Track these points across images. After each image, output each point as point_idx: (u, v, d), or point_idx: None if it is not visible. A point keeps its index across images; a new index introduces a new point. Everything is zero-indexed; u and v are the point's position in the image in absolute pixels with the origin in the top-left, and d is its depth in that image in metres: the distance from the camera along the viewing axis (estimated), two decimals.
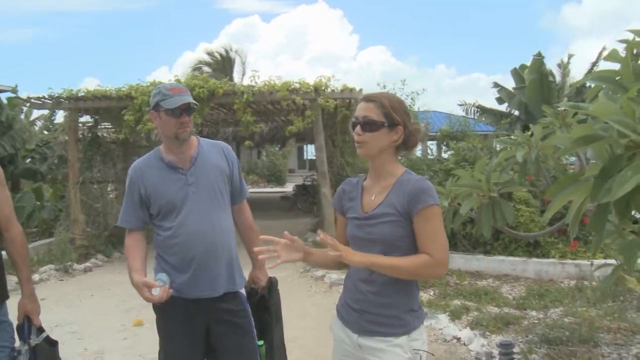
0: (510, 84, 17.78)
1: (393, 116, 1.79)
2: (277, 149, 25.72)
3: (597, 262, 5.96)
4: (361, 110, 1.82)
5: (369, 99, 1.83)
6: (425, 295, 5.65)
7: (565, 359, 3.82)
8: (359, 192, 1.91)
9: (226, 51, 23.70)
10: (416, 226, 1.75)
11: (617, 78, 2.01)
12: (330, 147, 9.48)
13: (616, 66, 2.02)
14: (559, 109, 3.01)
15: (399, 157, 1.90)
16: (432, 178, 6.92)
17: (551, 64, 15.65)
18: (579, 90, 15.31)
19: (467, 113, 17.15)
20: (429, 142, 12.58)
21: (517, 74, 17.07)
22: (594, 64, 15.74)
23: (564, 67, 16.65)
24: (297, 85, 8.37)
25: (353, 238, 1.88)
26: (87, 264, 8.14)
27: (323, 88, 8.39)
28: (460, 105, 17.79)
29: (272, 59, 65.55)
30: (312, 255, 1.88)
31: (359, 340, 1.82)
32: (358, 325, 1.83)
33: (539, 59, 15.04)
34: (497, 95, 17.70)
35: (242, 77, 22.23)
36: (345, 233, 1.94)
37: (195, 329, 2.36)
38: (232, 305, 2.39)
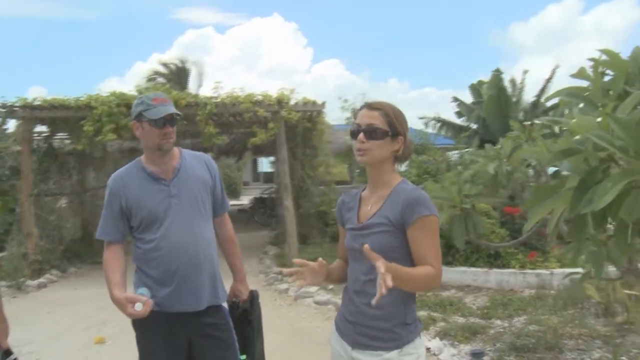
0: (464, 98, 18.34)
1: (396, 126, 1.78)
2: (233, 161, 25.45)
3: (556, 271, 6.19)
4: (364, 117, 1.78)
5: (373, 107, 1.80)
6: None
7: None
8: (356, 203, 1.90)
9: (182, 62, 23.33)
10: (411, 237, 1.72)
11: (586, 94, 2.12)
12: (291, 160, 9.49)
13: (582, 82, 2.13)
14: (526, 123, 3.13)
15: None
16: None
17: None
18: (535, 105, 15.96)
19: (426, 126, 17.56)
20: None
21: (475, 89, 17.65)
22: (548, 80, 16.37)
23: (512, 84, 17.23)
24: (260, 98, 8.39)
25: (349, 249, 1.86)
26: (41, 279, 7.83)
27: (286, 101, 8.43)
28: (421, 118, 18.18)
29: (226, 70, 65.11)
30: (330, 275, 1.86)
31: (353, 353, 1.81)
32: (352, 338, 1.82)
33: (497, 75, 15.52)
34: (456, 110, 18.18)
35: (198, 89, 21.94)
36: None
37: (177, 343, 2.30)
38: (214, 319, 2.35)
